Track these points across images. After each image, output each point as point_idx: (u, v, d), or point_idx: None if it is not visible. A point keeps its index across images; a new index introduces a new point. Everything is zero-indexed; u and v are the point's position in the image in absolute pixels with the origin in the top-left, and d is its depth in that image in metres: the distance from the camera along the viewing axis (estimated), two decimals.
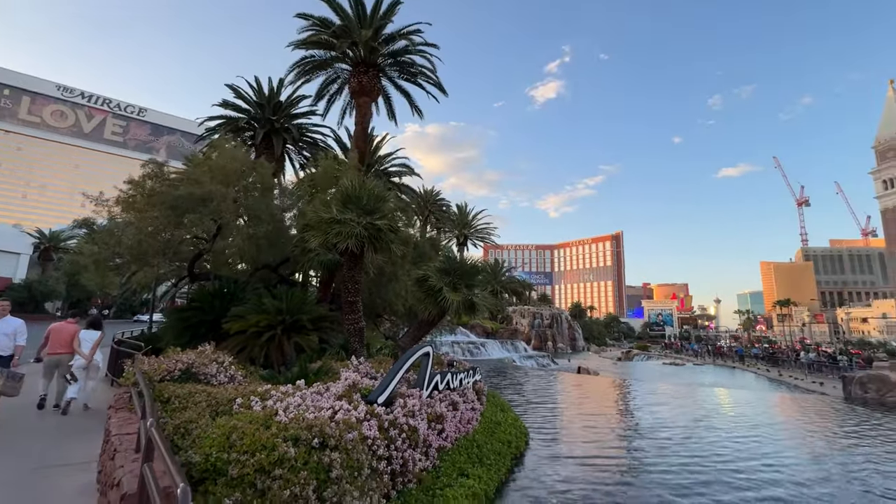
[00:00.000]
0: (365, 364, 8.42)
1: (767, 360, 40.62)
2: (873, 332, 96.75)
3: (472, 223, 61.59)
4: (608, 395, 20.81)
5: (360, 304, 10.63)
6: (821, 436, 12.82)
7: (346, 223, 9.59)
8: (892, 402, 18.94)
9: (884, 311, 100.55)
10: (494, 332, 49.44)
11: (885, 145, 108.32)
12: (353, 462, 4.88)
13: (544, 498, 6.86)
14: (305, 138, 27.55)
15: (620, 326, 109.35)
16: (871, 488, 8.10)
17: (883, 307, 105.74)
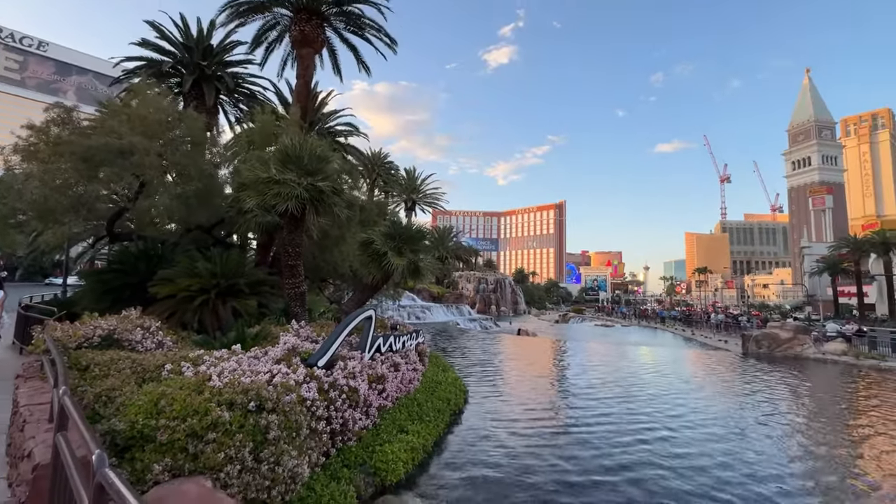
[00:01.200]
0: (306, 328, 8.33)
1: (684, 322, 45.14)
2: (772, 296, 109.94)
3: (421, 188, 61.03)
4: (544, 354, 22.23)
5: (301, 268, 10.37)
6: (718, 383, 14.84)
7: (285, 184, 9.15)
8: (780, 355, 21.95)
9: (781, 279, 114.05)
10: (440, 296, 50.39)
11: (797, 129, 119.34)
12: (291, 423, 4.92)
13: (479, 448, 7.35)
14: (241, 89, 25.40)
15: (559, 291, 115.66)
16: (749, 418, 10.13)
17: (781, 275, 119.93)
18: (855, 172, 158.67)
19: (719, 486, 6.30)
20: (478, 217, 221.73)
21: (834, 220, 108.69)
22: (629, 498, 5.85)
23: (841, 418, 11.02)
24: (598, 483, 6.27)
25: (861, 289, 57.36)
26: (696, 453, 7.68)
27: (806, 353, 21.82)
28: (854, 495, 6.29)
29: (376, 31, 21.58)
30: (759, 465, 7.15)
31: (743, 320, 37.83)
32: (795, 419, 10.48)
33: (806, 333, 23.77)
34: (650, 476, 6.55)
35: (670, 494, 5.98)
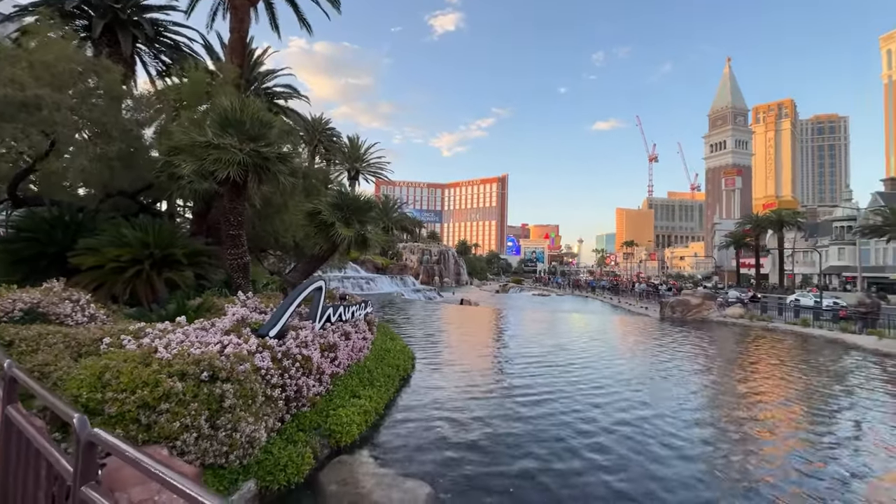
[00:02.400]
0: (253, 299, 8.19)
1: (611, 291, 48.95)
2: (687, 267, 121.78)
3: (365, 157, 59.35)
4: (485, 323, 23.33)
5: (244, 238, 10.01)
6: (635, 342, 16.72)
7: (225, 149, 8.67)
8: (691, 319, 24.78)
9: (695, 251, 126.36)
10: (385, 267, 50.29)
11: (716, 115, 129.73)
12: (246, 391, 5.00)
13: (426, 410, 7.83)
14: (164, 39, 22.88)
15: (500, 262, 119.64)
16: (658, 370, 11.70)
17: (696, 248, 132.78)
18: (761, 156, 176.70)
19: (625, 408, 7.32)
20: (422, 188, 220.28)
21: (741, 199, 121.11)
22: (556, 436, 6.64)
23: (725, 367, 12.92)
24: (536, 434, 7.00)
25: (759, 261, 65.25)
26: (611, 391, 8.80)
27: (711, 316, 24.81)
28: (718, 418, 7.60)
29: None
30: (654, 400, 8.34)
31: (662, 289, 41.78)
32: (690, 368, 12.18)
33: (712, 300, 26.94)
34: (576, 417, 7.43)
35: (588, 418, 6.86)
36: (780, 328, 21.01)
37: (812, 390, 10.41)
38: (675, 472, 5.84)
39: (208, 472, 4.54)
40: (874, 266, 58.42)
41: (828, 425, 8.03)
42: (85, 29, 20.33)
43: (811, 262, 67.10)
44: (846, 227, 63.20)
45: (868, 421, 8.33)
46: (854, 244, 60.39)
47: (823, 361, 14.10)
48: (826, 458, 6.47)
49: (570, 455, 6.24)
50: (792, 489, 5.48)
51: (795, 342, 18.04)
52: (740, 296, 34.31)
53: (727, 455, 6.49)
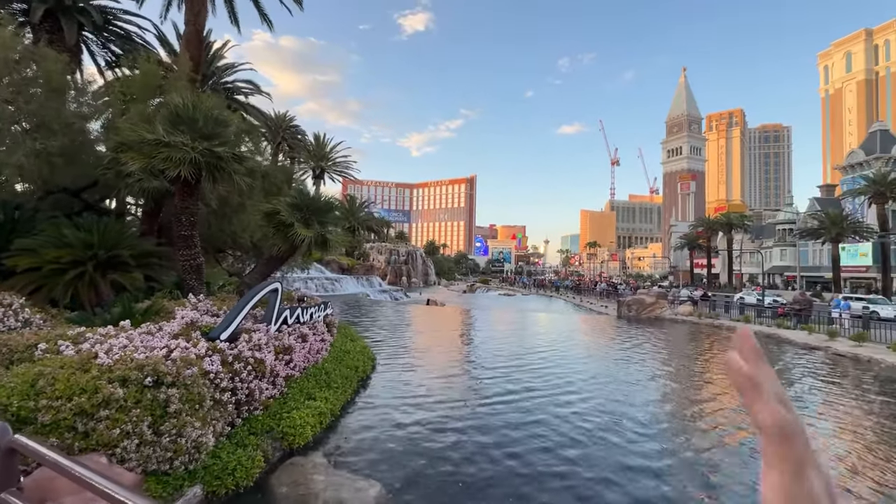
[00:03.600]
0: (205, 302, 7.99)
1: (574, 290, 50.45)
2: (646, 267, 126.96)
3: (331, 155, 58.38)
4: (450, 322, 23.56)
5: (196, 238, 9.72)
6: (593, 339, 17.38)
7: (176, 147, 8.42)
8: (645, 317, 25.97)
9: (654, 252, 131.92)
10: (351, 268, 49.64)
11: (673, 122, 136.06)
12: (193, 396, 4.93)
13: (382, 411, 7.91)
14: (113, 27, 21.72)
15: (468, 263, 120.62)
16: (612, 360, 11.82)
17: (654, 249, 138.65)
18: (713, 162, 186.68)
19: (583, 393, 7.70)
20: (390, 188, 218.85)
21: (696, 202, 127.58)
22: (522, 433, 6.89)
23: (663, 356, 13.72)
24: (492, 433, 7.23)
25: (710, 261, 68.99)
26: (561, 382, 9.18)
27: (664, 314, 26.11)
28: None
29: None
30: (608, 387, 8.81)
31: (621, 288, 43.43)
32: (635, 359, 12.86)
33: (664, 298, 28.34)
34: (541, 416, 7.73)
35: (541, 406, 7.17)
36: (724, 325, 22.38)
37: None
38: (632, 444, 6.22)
39: (151, 478, 4.45)
40: (812, 266, 63.02)
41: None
42: (23, 14, 19.02)
43: (757, 262, 71.56)
44: (787, 230, 67.86)
45: None
46: (794, 246, 64.97)
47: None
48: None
49: (520, 446, 6.50)
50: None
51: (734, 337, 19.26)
52: (691, 294, 36.19)
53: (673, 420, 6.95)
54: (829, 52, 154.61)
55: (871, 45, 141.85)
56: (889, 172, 46.24)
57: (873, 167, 56.16)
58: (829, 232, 45.62)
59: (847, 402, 9.67)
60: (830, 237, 45.76)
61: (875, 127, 63.59)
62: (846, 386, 11.25)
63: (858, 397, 10.14)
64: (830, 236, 45.71)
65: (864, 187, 45.19)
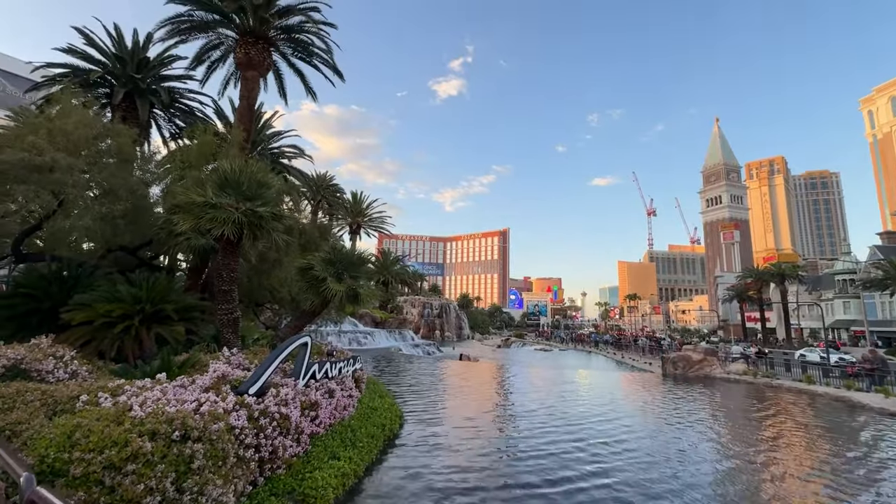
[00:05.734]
0: (237, 355, 8.19)
1: (615, 345, 48.00)
2: (692, 321, 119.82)
3: (367, 211, 60.87)
4: (483, 380, 22.76)
5: (235, 294, 10.17)
6: (640, 401, 16.10)
7: (222, 208, 9.10)
8: (693, 376, 24.12)
9: (700, 305, 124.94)
10: (384, 321, 49.84)
11: (709, 171, 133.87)
12: (217, 452, 4.93)
13: (409, 473, 7.55)
14: (179, 105, 24.50)
15: (502, 316, 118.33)
16: (667, 426, 10.68)
17: (700, 301, 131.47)
18: (757, 210, 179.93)
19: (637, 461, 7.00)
20: (424, 242, 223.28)
21: (741, 252, 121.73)
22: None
23: (718, 424, 12.43)
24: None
25: (763, 314, 64.39)
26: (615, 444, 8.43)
27: (714, 373, 24.16)
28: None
29: (323, 59, 21.97)
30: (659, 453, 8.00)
31: (665, 344, 40.95)
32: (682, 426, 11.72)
33: (714, 355, 26.37)
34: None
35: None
36: (784, 385, 20.38)
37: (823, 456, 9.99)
38: None
39: None
40: (881, 320, 57.49)
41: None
42: (106, 96, 21.88)
43: (816, 315, 66.15)
44: (848, 281, 62.98)
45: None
46: (858, 297, 59.86)
47: (829, 420, 13.59)
48: None
49: None
50: None
51: (799, 400, 17.43)
52: (744, 351, 33.54)
53: None
54: (871, 97, 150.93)
55: None
56: None
57: None
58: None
59: None
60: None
61: None
62: None
63: None
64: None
65: None
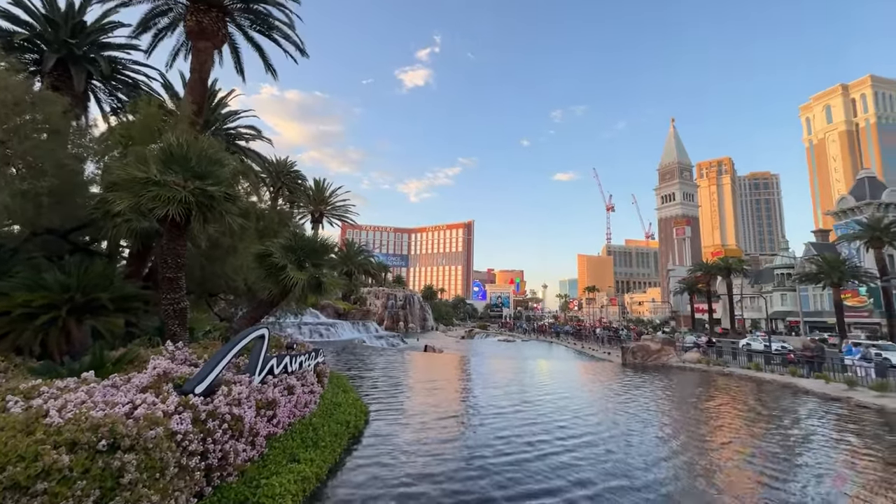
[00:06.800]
0: (183, 350, 7.36)
1: (575, 336, 49.25)
2: (646, 312, 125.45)
3: (330, 200, 58.96)
4: (448, 371, 22.51)
5: (182, 282, 9.21)
6: (600, 388, 16.35)
7: (166, 186, 8.13)
8: (651, 364, 24.96)
9: (653, 297, 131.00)
10: (347, 312, 48.59)
11: (665, 169, 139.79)
12: (154, 462, 4.25)
13: (377, 474, 7.06)
14: (121, 76, 22.35)
15: (466, 308, 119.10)
16: (620, 412, 10.91)
17: (653, 293, 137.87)
18: (706, 208, 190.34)
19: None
20: (389, 233, 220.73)
21: (692, 247, 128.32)
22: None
23: (694, 414, 12.80)
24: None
25: (711, 306, 68.18)
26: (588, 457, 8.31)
27: (671, 361, 25.12)
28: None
29: (285, 33, 20.63)
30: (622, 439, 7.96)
31: (623, 334, 42.37)
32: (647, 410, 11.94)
33: (671, 345, 27.43)
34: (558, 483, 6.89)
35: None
36: (735, 373, 21.42)
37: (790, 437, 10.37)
38: None
39: None
40: (813, 311, 62.26)
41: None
42: (35, 63, 19.59)
43: (758, 307, 70.80)
44: (786, 275, 67.67)
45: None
46: (794, 290, 64.51)
47: (783, 405, 14.30)
48: None
49: None
50: None
51: (750, 387, 18.35)
52: (697, 341, 35.24)
53: None
54: (809, 104, 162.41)
55: (849, 98, 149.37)
56: (882, 217, 46.78)
57: (864, 212, 57.01)
58: (830, 276, 45.31)
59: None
60: (831, 282, 45.41)
61: (863, 174, 65.24)
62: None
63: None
64: (831, 281, 45.37)
65: (861, 232, 45.48)
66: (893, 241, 43.24)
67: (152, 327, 10.15)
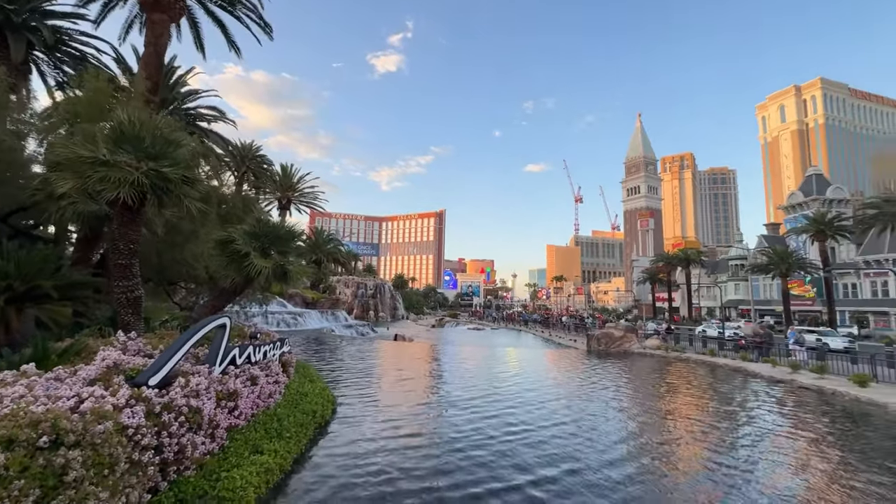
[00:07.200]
0: (137, 340, 6.99)
1: (543, 324, 50.39)
2: (611, 301, 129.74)
3: (298, 186, 57.28)
4: (418, 360, 22.56)
5: (136, 268, 8.71)
6: (564, 372, 16.84)
7: (117, 167, 7.61)
8: (614, 351, 25.89)
9: (617, 286, 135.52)
10: (315, 301, 47.71)
11: (630, 163, 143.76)
12: (102, 458, 4.02)
13: (344, 465, 7.00)
14: (67, 48, 20.77)
15: (437, 296, 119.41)
16: (582, 396, 11.16)
17: (618, 283, 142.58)
18: (668, 202, 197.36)
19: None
20: (359, 221, 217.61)
21: (655, 239, 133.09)
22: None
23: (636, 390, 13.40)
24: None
25: (671, 295, 71.22)
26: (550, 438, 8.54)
27: (633, 348, 26.13)
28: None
29: (250, 9, 19.66)
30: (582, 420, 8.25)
31: (588, 322, 43.67)
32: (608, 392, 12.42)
33: (633, 332, 28.52)
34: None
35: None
36: (692, 358, 22.53)
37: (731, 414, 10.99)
38: None
39: None
40: (763, 299, 66.18)
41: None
42: None
43: (713, 296, 74.54)
44: (739, 266, 71.47)
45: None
46: (747, 280, 68.29)
47: (733, 388, 15.17)
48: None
49: None
50: None
51: (705, 371, 19.37)
52: (657, 328, 36.77)
53: None
54: (765, 104, 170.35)
55: (801, 99, 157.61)
56: (826, 213, 49.97)
57: (811, 208, 60.76)
58: (779, 267, 48.17)
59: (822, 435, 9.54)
60: (780, 272, 48.29)
61: (811, 171, 69.33)
62: (822, 421, 11.21)
63: (839, 434, 10.06)
64: (780, 271, 48.24)
65: (806, 226, 48.44)
66: (835, 235, 46.35)
67: (104, 317, 9.59)
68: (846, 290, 54.82)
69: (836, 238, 47.36)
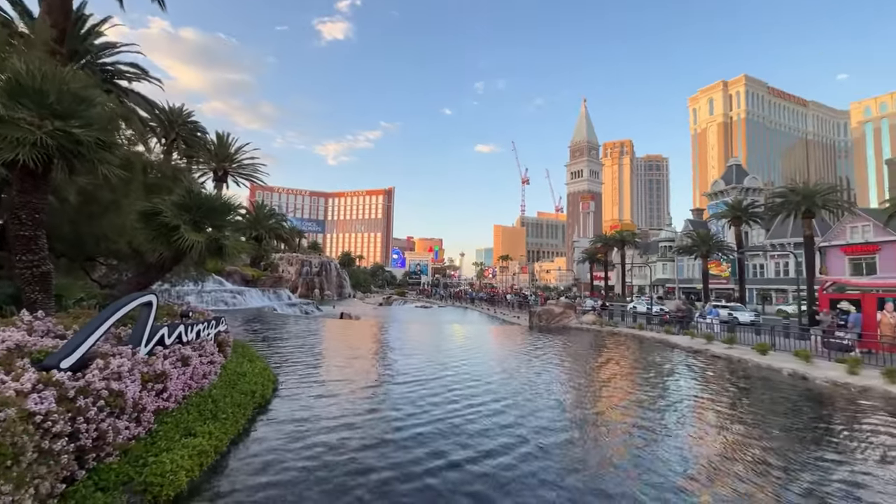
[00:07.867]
0: (45, 320, 6.31)
1: (488, 302, 51.85)
2: (553, 279, 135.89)
3: (236, 157, 53.53)
4: (364, 338, 22.43)
5: (42, 241, 7.80)
6: (507, 347, 17.57)
7: (14, 125, 6.67)
8: (554, 326, 27.29)
9: (559, 266, 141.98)
10: (256, 279, 45.57)
11: (575, 147, 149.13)
12: (4, 449, 3.64)
13: (282, 443, 6.88)
14: None
15: (385, 275, 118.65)
16: (522, 366, 11.73)
17: (560, 263, 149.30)
18: (608, 186, 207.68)
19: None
20: (304, 196, 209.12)
21: (595, 221, 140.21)
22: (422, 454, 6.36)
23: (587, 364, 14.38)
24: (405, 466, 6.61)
25: (607, 274, 75.79)
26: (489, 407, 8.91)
27: (571, 323, 27.68)
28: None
29: None
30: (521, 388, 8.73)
31: (531, 299, 45.50)
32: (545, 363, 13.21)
33: (571, 308, 30.14)
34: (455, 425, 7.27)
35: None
36: (622, 332, 24.30)
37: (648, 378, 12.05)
38: None
39: None
40: (687, 278, 72.38)
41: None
42: None
43: (644, 275, 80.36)
44: (668, 247, 77.36)
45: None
46: (673, 261, 74.18)
47: (658, 358, 16.62)
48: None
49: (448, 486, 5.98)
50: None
51: (633, 343, 21.01)
52: (593, 304, 39.12)
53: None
54: (696, 96, 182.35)
55: (727, 94, 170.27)
56: (742, 200, 55.04)
57: (731, 195, 66.60)
58: (700, 249, 52.70)
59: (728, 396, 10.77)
60: (701, 254, 52.87)
61: (731, 162, 75.74)
62: (729, 384, 12.61)
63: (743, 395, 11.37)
64: (701, 253, 52.81)
65: (725, 212, 53.14)
66: (749, 221, 51.29)
67: (3, 294, 8.56)
68: (755, 270, 61.36)
69: (749, 223, 52.40)
